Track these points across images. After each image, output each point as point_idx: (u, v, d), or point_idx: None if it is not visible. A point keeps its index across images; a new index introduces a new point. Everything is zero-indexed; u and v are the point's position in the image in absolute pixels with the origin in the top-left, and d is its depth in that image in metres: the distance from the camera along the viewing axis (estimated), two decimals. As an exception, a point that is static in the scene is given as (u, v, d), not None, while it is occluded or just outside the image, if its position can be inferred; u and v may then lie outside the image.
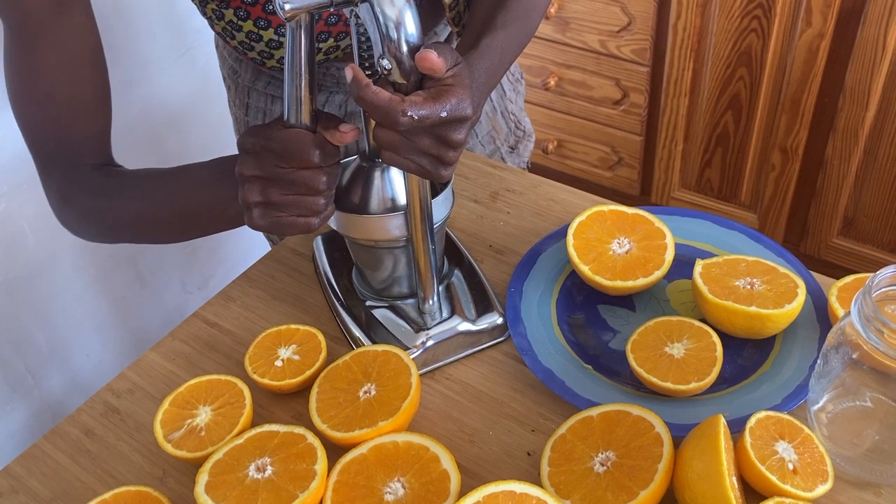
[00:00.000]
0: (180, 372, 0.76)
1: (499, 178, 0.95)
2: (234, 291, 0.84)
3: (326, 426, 0.66)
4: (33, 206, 1.27)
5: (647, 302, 0.78)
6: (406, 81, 0.57)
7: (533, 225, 0.89)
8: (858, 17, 1.48)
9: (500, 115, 1.06)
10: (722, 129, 1.77)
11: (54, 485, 0.68)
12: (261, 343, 0.75)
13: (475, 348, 0.76)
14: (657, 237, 0.78)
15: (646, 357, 0.69)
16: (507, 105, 1.07)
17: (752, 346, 0.73)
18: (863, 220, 1.71)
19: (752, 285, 0.72)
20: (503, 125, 1.07)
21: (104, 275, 1.43)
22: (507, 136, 1.09)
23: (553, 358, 0.73)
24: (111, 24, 1.29)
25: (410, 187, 0.66)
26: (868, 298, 0.58)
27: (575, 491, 0.60)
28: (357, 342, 0.75)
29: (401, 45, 0.55)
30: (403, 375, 0.68)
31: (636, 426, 0.62)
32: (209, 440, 0.66)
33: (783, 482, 0.59)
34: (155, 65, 1.39)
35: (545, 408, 0.71)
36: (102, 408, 0.74)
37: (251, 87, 0.94)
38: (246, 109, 0.97)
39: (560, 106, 1.96)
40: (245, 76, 0.94)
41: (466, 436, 0.69)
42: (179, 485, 0.67)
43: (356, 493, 0.61)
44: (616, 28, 1.76)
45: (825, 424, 0.65)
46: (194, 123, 1.48)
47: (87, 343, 1.45)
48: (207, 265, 1.66)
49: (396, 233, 0.70)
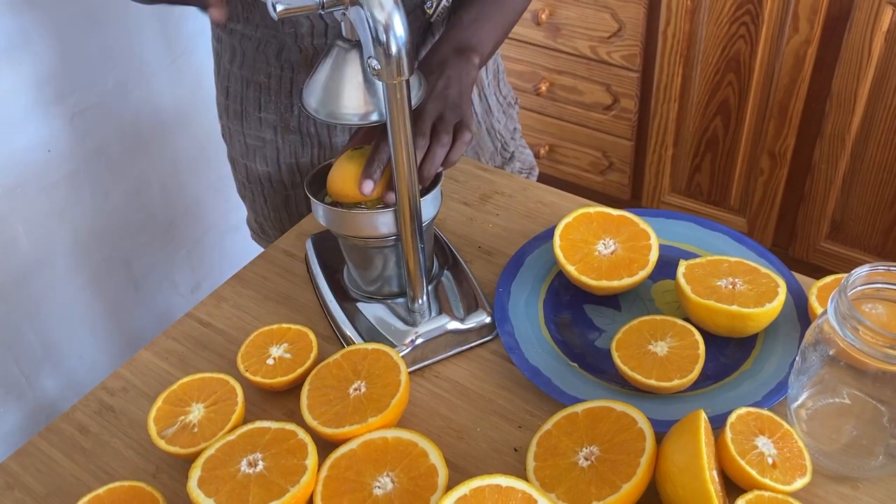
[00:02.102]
0: (173, 370, 0.78)
1: (488, 180, 0.97)
2: (227, 292, 0.85)
3: (317, 422, 0.67)
4: (27, 208, 1.28)
5: (633, 302, 0.80)
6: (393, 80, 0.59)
7: (521, 227, 0.90)
8: (844, 23, 1.51)
9: (485, 131, 1.07)
10: (711, 133, 1.79)
11: (49, 481, 0.69)
12: (253, 342, 0.76)
13: (463, 346, 0.77)
14: (642, 238, 0.79)
15: (630, 355, 0.71)
16: (493, 123, 1.08)
17: (734, 345, 0.74)
18: (850, 224, 1.73)
19: (733, 285, 0.74)
20: (488, 143, 1.08)
21: (97, 277, 1.44)
22: (493, 155, 1.10)
23: (540, 356, 0.74)
24: (108, 28, 1.30)
25: (399, 187, 0.67)
26: (844, 297, 0.59)
27: (560, 485, 0.61)
28: (348, 341, 0.77)
29: (389, 46, 0.57)
30: (393, 373, 0.70)
31: (620, 422, 0.64)
32: (202, 436, 0.67)
33: (762, 476, 0.61)
34: (150, 69, 1.40)
35: (532, 405, 0.72)
36: (97, 405, 0.75)
37: (229, 70, 0.96)
38: (226, 94, 0.98)
39: (551, 111, 1.98)
40: (224, 57, 0.96)
41: (454, 432, 0.71)
42: (172, 480, 0.69)
43: (346, 488, 0.62)
44: (606, 34, 1.78)
45: (804, 420, 0.67)
46: (188, 127, 1.49)
47: (80, 345, 1.46)
48: (200, 268, 1.67)
49: (385, 230, 0.71)
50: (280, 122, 0.96)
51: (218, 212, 1.62)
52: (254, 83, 0.94)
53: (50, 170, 1.30)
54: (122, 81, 1.36)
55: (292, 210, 1.04)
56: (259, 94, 0.94)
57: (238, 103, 0.97)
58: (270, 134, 0.97)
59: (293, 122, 0.95)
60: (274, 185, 1.01)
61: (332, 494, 0.62)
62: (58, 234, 1.35)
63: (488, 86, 1.05)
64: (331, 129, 0.96)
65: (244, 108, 0.97)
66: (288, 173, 1.00)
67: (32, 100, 1.24)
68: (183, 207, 1.58)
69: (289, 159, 0.99)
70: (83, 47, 1.28)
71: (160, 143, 1.47)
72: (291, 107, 0.94)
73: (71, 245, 1.37)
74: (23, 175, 1.26)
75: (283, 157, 0.98)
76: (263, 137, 0.97)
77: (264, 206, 1.05)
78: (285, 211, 1.04)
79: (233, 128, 1.00)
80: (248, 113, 0.97)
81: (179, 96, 1.47)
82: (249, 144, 0.99)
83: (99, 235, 1.42)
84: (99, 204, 1.40)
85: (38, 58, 1.22)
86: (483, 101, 1.05)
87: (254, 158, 1.00)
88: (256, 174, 1.02)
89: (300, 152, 0.98)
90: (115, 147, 1.39)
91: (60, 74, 1.26)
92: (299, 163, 0.99)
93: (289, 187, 1.01)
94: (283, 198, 1.03)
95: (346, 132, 0.97)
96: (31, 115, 1.24)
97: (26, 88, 1.22)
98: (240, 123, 0.98)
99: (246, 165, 1.02)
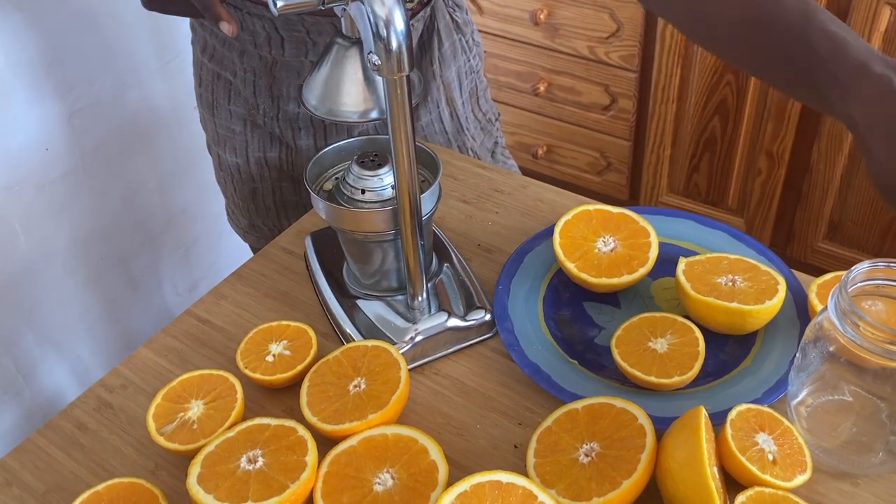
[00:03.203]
0: (172, 368, 0.77)
1: (488, 178, 0.97)
2: (226, 289, 0.85)
3: (317, 419, 0.67)
4: (24, 206, 1.28)
5: (632, 299, 0.80)
6: (394, 75, 0.59)
7: (521, 224, 0.90)
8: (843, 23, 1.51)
9: (455, 149, 1.05)
10: (709, 134, 1.79)
11: (47, 477, 0.69)
12: (252, 339, 0.76)
13: (463, 344, 0.77)
14: (642, 236, 0.80)
15: (630, 351, 0.71)
16: (465, 141, 1.06)
17: (733, 342, 0.74)
18: (848, 225, 1.74)
19: (733, 282, 0.74)
20: None
21: (96, 276, 1.44)
22: None
23: (539, 353, 0.74)
24: (104, 28, 1.30)
25: (399, 182, 0.67)
26: (844, 293, 0.59)
27: (560, 481, 0.61)
28: (347, 338, 0.77)
29: (390, 41, 0.57)
30: (393, 369, 0.70)
31: (620, 418, 0.64)
32: (201, 433, 0.67)
33: (763, 472, 0.61)
34: (147, 68, 1.40)
35: (532, 402, 0.72)
36: (95, 402, 0.75)
37: (201, 60, 0.97)
38: (199, 82, 0.99)
39: (550, 111, 1.98)
40: (197, 46, 0.97)
41: (455, 429, 0.71)
42: (172, 477, 0.68)
43: (346, 484, 0.62)
44: (605, 34, 1.79)
45: (804, 417, 0.67)
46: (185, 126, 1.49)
47: (77, 344, 1.45)
48: (198, 268, 1.67)
49: (385, 225, 0.71)
50: (248, 116, 0.96)
51: (215, 211, 1.62)
52: (223, 77, 0.95)
53: (48, 168, 1.29)
54: (119, 81, 1.35)
55: (259, 203, 1.04)
56: (229, 88, 0.95)
57: (209, 93, 0.98)
58: (240, 126, 0.98)
59: (259, 120, 0.96)
60: (243, 176, 1.02)
61: (331, 491, 0.62)
62: (56, 232, 1.35)
63: (463, 105, 1.04)
64: (295, 132, 0.96)
65: (214, 99, 0.97)
66: (256, 166, 1.00)
67: (30, 98, 1.23)
68: (181, 207, 1.57)
69: (257, 153, 0.99)
70: (81, 46, 1.28)
71: (158, 142, 1.47)
72: (257, 106, 0.95)
73: (69, 244, 1.37)
74: (21, 173, 1.26)
75: (252, 150, 0.99)
76: (233, 129, 0.98)
77: (234, 194, 1.06)
78: (252, 202, 1.05)
79: (206, 116, 1.01)
80: (218, 103, 0.97)
81: (176, 96, 1.46)
82: (220, 134, 1.00)
83: (97, 234, 1.41)
84: (97, 203, 1.39)
85: (36, 56, 1.22)
86: (454, 121, 1.04)
87: (224, 148, 1.01)
88: (227, 163, 1.02)
89: (268, 147, 0.99)
90: (113, 146, 1.39)
91: (59, 73, 1.26)
92: (267, 157, 0.99)
93: (256, 180, 1.02)
94: (250, 190, 1.03)
95: (309, 136, 0.97)
96: (30, 113, 1.24)
97: (24, 87, 1.22)
98: (211, 112, 0.99)
99: (218, 154, 1.04)
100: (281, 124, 0.96)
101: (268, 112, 0.95)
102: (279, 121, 0.95)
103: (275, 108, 0.95)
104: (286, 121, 0.96)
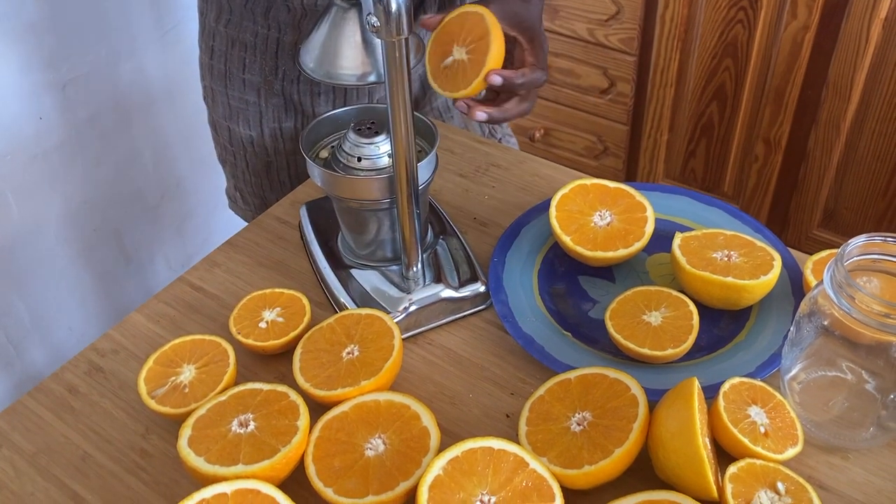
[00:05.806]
0: (165, 333, 0.77)
1: (485, 153, 0.97)
2: (220, 257, 0.85)
3: (310, 385, 0.67)
4: (17, 176, 1.27)
5: (627, 274, 0.80)
6: (393, 38, 0.58)
7: (517, 199, 0.90)
8: (843, 10, 1.50)
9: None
10: (707, 119, 1.79)
11: (38, 439, 0.69)
12: (246, 305, 0.76)
13: (457, 315, 0.77)
14: (638, 210, 0.79)
15: (624, 324, 0.71)
16: None
17: (728, 317, 0.74)
18: (843, 213, 1.74)
19: (729, 257, 0.74)
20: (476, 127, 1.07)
21: (88, 248, 1.43)
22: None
23: (533, 325, 0.74)
24: (100, -4, 1.29)
25: (396, 148, 0.67)
26: (840, 266, 0.59)
27: (551, 449, 0.61)
28: (341, 307, 0.76)
29: (389, 4, 0.57)
30: (386, 337, 0.69)
31: (613, 388, 0.64)
32: (193, 397, 0.67)
33: (754, 444, 0.61)
34: (142, 39, 1.39)
35: (524, 372, 0.72)
36: (87, 366, 0.75)
37: (215, 29, 0.95)
38: (211, 53, 0.97)
39: (547, 94, 1.98)
40: (210, 15, 0.95)
41: (447, 398, 0.70)
42: (162, 441, 0.68)
43: (337, 448, 0.62)
44: (604, 17, 1.78)
45: (797, 392, 0.67)
46: (180, 98, 1.48)
47: (69, 316, 1.45)
48: (192, 243, 1.66)
49: (380, 194, 0.71)
50: (264, 84, 0.95)
51: (210, 186, 1.61)
52: (239, 42, 0.93)
53: (41, 138, 1.28)
54: (114, 51, 1.34)
55: (273, 177, 1.03)
56: (244, 54, 0.94)
57: (222, 63, 0.96)
58: (254, 97, 0.96)
59: (277, 86, 0.95)
60: (256, 149, 1.01)
61: (323, 455, 0.62)
62: (48, 203, 1.34)
63: None
64: (314, 98, 0.95)
65: (228, 69, 0.96)
66: (270, 138, 0.99)
67: (24, 66, 1.22)
68: (175, 181, 1.57)
69: (272, 123, 0.98)
70: (76, 15, 1.26)
71: (153, 115, 1.46)
72: (276, 69, 0.94)
73: (62, 215, 1.36)
74: (13, 142, 1.25)
75: (267, 121, 0.98)
76: (247, 100, 0.97)
77: (245, 170, 1.05)
78: (266, 178, 1.04)
79: (216, 89, 0.99)
80: (231, 74, 0.96)
81: (171, 68, 1.45)
82: (233, 106, 0.99)
83: (90, 206, 1.41)
84: (90, 174, 1.38)
85: (30, 25, 1.21)
86: None
87: (237, 121, 1.00)
88: (239, 137, 1.01)
89: (283, 117, 0.97)
90: (107, 117, 1.38)
91: (53, 42, 1.25)
92: (282, 128, 0.98)
93: (271, 153, 1.01)
94: (264, 163, 1.02)
95: (329, 102, 0.96)
96: (23, 81, 1.23)
97: (17, 56, 1.21)
98: (223, 84, 0.98)
99: (229, 128, 1.02)
100: (301, 88, 0.95)
101: (288, 75, 0.93)
102: (299, 84, 0.94)
103: (296, 70, 0.93)
104: (306, 83, 0.94)
